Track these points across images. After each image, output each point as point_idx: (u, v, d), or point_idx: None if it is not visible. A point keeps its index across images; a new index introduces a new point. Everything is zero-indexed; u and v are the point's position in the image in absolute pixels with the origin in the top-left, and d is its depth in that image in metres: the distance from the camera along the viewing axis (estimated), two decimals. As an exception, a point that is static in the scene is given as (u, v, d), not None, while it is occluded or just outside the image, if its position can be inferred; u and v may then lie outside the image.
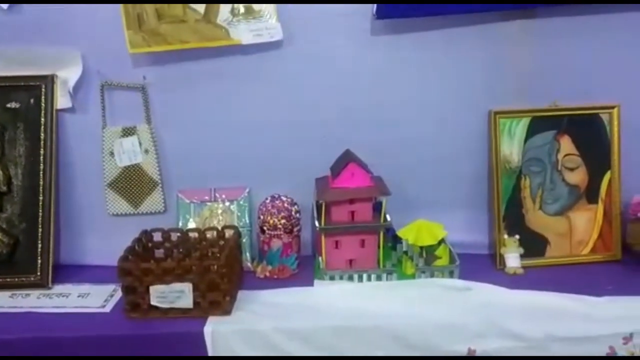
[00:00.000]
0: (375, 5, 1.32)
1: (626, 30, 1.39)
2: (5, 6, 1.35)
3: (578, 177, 1.45)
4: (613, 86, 1.42)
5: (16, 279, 1.39)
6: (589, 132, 1.44)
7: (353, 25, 1.38)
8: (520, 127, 1.43)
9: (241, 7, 1.34)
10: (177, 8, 1.34)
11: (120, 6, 1.33)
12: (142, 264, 1.25)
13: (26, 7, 1.36)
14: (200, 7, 1.34)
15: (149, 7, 1.34)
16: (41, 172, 1.40)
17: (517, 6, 1.33)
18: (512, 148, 1.44)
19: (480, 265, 1.43)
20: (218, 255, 1.37)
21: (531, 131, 1.43)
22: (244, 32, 1.36)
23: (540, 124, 1.43)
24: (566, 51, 1.40)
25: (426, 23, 1.37)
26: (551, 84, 1.42)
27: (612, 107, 1.43)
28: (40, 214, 1.39)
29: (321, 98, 1.43)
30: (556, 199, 1.45)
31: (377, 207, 1.39)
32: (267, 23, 1.36)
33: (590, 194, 1.45)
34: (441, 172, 1.47)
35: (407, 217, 1.41)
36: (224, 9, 1.34)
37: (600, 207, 1.46)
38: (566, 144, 1.44)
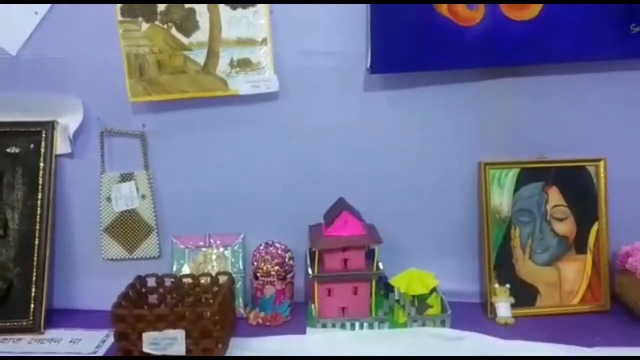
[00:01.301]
0: (369, 60, 1.38)
1: (609, 86, 1.44)
2: (13, 52, 1.40)
3: (566, 227, 1.48)
4: (599, 139, 1.47)
5: (8, 324, 1.38)
6: (576, 184, 1.47)
7: (347, 79, 1.43)
8: (510, 178, 1.47)
9: (239, 60, 1.39)
10: (178, 59, 1.39)
11: (123, 56, 1.38)
12: (135, 310, 1.25)
13: (31, 54, 1.40)
14: (201, 59, 1.39)
15: (151, 58, 1.38)
16: (38, 217, 1.42)
17: (504, 64, 1.39)
18: (502, 198, 1.47)
19: (472, 314, 1.44)
20: (211, 301, 1.38)
21: (520, 182, 1.47)
22: (241, 83, 1.41)
23: (528, 175, 1.47)
24: (551, 106, 1.45)
25: (418, 78, 1.42)
26: (539, 137, 1.47)
27: (599, 160, 1.47)
28: (35, 258, 1.40)
29: (315, 147, 1.47)
30: (545, 249, 1.48)
31: (370, 255, 1.40)
32: (264, 75, 1.40)
33: (579, 245, 1.48)
34: (433, 221, 1.50)
35: (398, 265, 1.43)
36: (223, 61, 1.39)
37: (589, 257, 1.48)
38: (554, 195, 1.47)
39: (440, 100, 1.44)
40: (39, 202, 1.42)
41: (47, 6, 1.37)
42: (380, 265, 1.39)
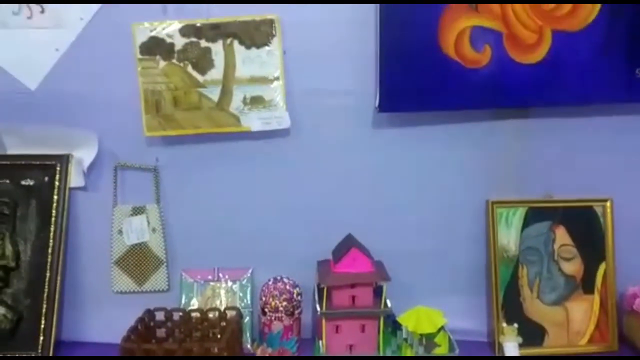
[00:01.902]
0: (378, 98, 1.41)
1: (616, 128, 1.46)
2: (32, 87, 1.43)
3: (574, 267, 1.48)
4: (605, 180, 1.48)
5: (17, 355, 1.38)
6: (583, 224, 1.48)
7: (357, 117, 1.46)
8: (517, 217, 1.48)
9: (252, 97, 1.43)
10: (194, 96, 1.43)
11: (141, 92, 1.41)
12: (144, 345, 1.26)
13: (49, 89, 1.44)
14: (215, 96, 1.43)
15: (167, 94, 1.42)
16: (50, 249, 1.43)
17: (512, 106, 1.42)
18: (509, 237, 1.48)
19: (479, 353, 1.44)
20: (219, 336, 1.38)
21: (528, 221, 1.48)
22: (254, 120, 1.44)
23: (536, 214, 1.48)
24: (559, 147, 1.47)
25: (427, 117, 1.44)
26: (546, 177, 1.48)
27: (605, 200, 1.48)
28: (46, 290, 1.41)
29: (325, 183, 1.49)
30: (553, 289, 1.48)
31: (378, 292, 1.41)
32: (276, 112, 1.44)
33: (587, 285, 1.48)
34: (441, 259, 1.51)
35: (406, 302, 1.43)
36: (237, 98, 1.43)
37: (596, 297, 1.48)
38: (562, 235, 1.48)
39: (448, 139, 1.47)
40: (51, 234, 1.44)
41: (68, 42, 1.41)
42: (388, 303, 1.39)
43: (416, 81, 1.38)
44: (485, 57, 1.36)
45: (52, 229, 1.44)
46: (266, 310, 1.44)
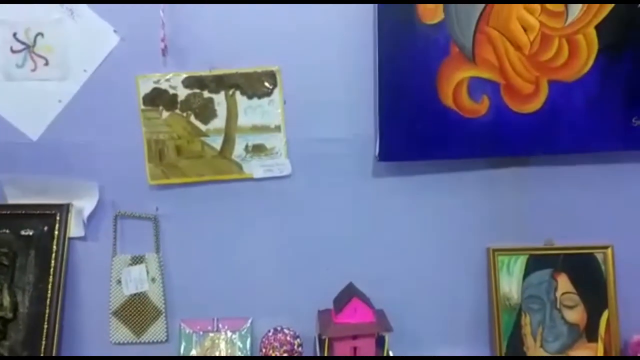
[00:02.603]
0: (377, 147, 1.42)
1: (614, 176, 1.48)
2: (34, 138, 1.44)
3: (577, 315, 1.47)
4: (605, 227, 1.49)
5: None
6: (585, 271, 1.48)
7: (357, 165, 1.47)
8: (519, 264, 1.48)
9: (254, 145, 1.44)
10: (196, 145, 1.44)
11: (144, 142, 1.43)
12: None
13: (51, 139, 1.44)
14: (217, 145, 1.44)
15: (170, 143, 1.43)
16: (48, 300, 1.41)
17: (511, 155, 1.44)
18: (511, 285, 1.47)
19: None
20: (219, 389, 1.36)
21: (529, 269, 1.47)
22: (255, 167, 1.45)
23: (537, 262, 1.48)
24: (559, 194, 1.48)
25: (427, 165, 1.46)
26: (546, 224, 1.49)
27: (606, 247, 1.48)
28: (44, 342, 1.39)
29: (325, 231, 1.49)
30: (557, 337, 1.46)
31: (380, 341, 1.39)
32: (278, 159, 1.45)
33: (590, 333, 1.47)
34: (442, 307, 1.50)
35: (409, 351, 1.42)
36: (239, 146, 1.44)
37: (600, 346, 1.46)
38: (563, 282, 1.48)
39: (448, 187, 1.48)
40: (49, 285, 1.42)
41: (71, 94, 1.43)
42: (391, 353, 1.37)
43: (415, 131, 1.40)
44: (484, 107, 1.39)
45: (50, 279, 1.43)
46: (267, 361, 1.42)
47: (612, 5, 1.33)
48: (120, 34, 1.40)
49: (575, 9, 1.34)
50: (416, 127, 1.39)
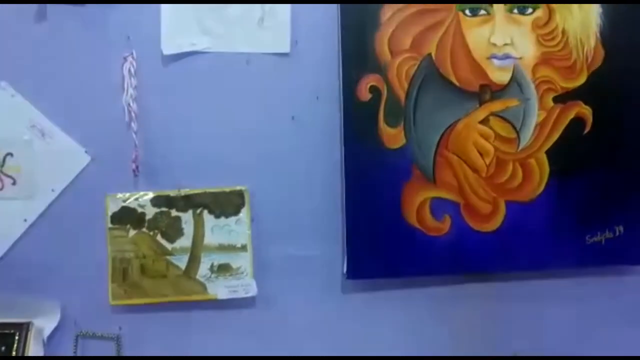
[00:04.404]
0: (345, 265, 1.44)
1: (572, 291, 1.53)
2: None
3: None
4: (570, 340, 1.53)
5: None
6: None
7: (324, 283, 1.48)
8: (486, 380, 1.48)
9: (219, 265, 1.44)
10: (161, 264, 1.43)
11: (109, 261, 1.42)
12: None
13: (14, 258, 1.42)
14: (182, 264, 1.43)
15: (135, 262, 1.42)
16: None
17: (473, 271, 1.48)
18: (479, 402, 1.47)
19: None
20: None
21: (496, 385, 1.48)
22: (220, 288, 1.44)
23: (504, 377, 1.49)
24: (522, 309, 1.51)
25: (394, 282, 1.48)
26: (510, 338, 1.51)
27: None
28: None
29: (293, 349, 1.46)
30: None
31: None
32: (243, 280, 1.45)
33: None
34: None
35: None
36: (204, 266, 1.44)
37: None
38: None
39: (417, 302, 1.50)
40: (2, 413, 1.36)
41: (37, 213, 1.42)
42: None
43: (382, 249, 1.43)
44: (446, 225, 1.43)
45: (3, 407, 1.36)
46: None
47: (560, 132, 1.43)
48: (91, 154, 1.42)
49: (527, 135, 1.43)
50: (382, 245, 1.43)
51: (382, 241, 1.43)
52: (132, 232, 1.43)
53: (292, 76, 1.44)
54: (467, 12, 1.39)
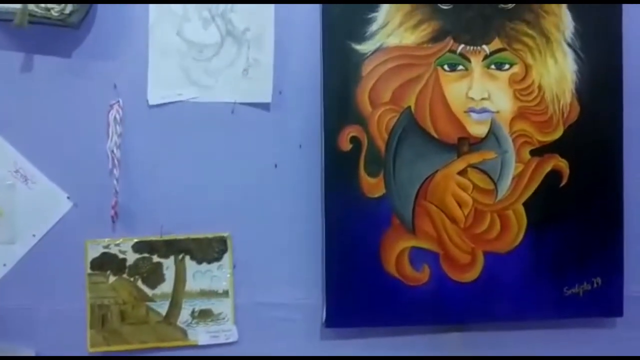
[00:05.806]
0: (324, 313, 1.45)
1: (551, 341, 1.53)
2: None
3: None
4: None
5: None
6: None
7: (304, 330, 1.48)
8: None
9: (200, 310, 1.44)
10: (141, 310, 1.43)
11: (87, 307, 1.41)
12: None
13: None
14: (163, 310, 1.43)
15: (115, 309, 1.42)
16: None
17: (452, 322, 1.49)
18: None
19: None
20: None
21: None
22: (201, 333, 1.44)
23: None
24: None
25: (373, 331, 1.48)
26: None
27: (549, 413, 1.51)
28: None
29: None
30: None
31: None
32: (224, 325, 1.45)
33: None
34: None
35: None
36: (185, 311, 1.44)
37: None
38: None
39: (395, 351, 1.49)
40: None
41: (17, 258, 1.42)
42: None
43: (361, 298, 1.43)
44: (425, 275, 1.45)
45: None
46: None
47: (537, 184, 1.45)
48: (74, 199, 1.43)
49: (505, 187, 1.45)
50: (362, 294, 1.43)
51: (362, 290, 1.43)
52: (112, 278, 1.43)
53: (276, 125, 1.46)
54: (445, 67, 1.43)
